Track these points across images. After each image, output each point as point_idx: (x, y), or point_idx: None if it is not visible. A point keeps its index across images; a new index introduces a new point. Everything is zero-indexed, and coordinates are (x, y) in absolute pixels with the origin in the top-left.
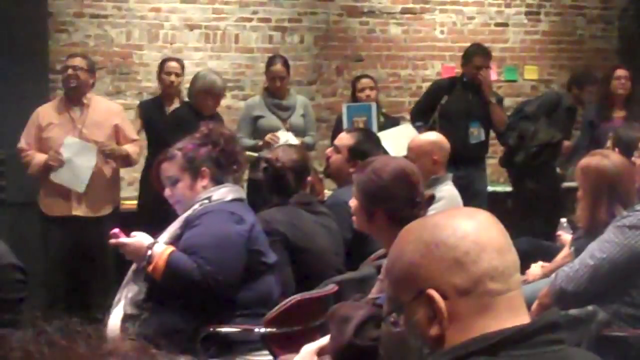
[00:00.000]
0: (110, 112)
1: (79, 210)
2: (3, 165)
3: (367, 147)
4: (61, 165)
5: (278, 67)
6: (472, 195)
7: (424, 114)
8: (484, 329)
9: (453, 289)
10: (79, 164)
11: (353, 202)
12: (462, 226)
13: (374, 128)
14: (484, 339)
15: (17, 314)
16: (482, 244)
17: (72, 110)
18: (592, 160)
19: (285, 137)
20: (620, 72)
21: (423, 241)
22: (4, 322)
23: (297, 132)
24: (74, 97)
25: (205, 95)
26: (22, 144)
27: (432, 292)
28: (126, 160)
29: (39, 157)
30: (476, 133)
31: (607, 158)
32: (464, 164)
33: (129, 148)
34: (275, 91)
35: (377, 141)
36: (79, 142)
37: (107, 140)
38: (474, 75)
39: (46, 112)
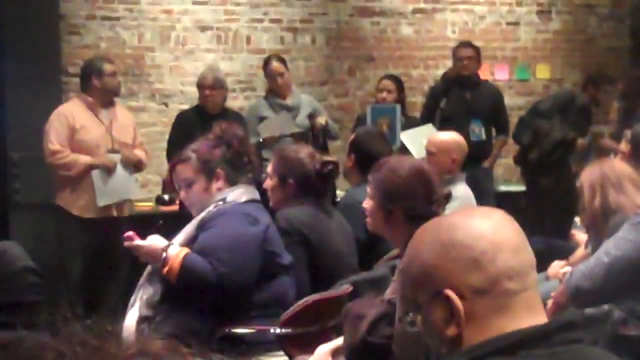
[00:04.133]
0: (128, 114)
1: (115, 211)
2: (17, 167)
3: (365, 139)
4: (114, 168)
5: (274, 64)
6: (478, 195)
7: (429, 121)
8: (502, 329)
9: (470, 289)
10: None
11: (368, 203)
12: (478, 226)
13: (398, 130)
14: (502, 338)
15: (33, 316)
16: (498, 243)
17: (100, 113)
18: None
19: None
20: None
21: (439, 241)
22: (19, 325)
23: (304, 132)
24: (109, 101)
25: (201, 90)
26: (56, 145)
27: (449, 293)
28: (138, 166)
29: (84, 159)
30: (477, 131)
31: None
32: (466, 163)
33: (140, 153)
34: (277, 90)
35: (380, 136)
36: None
37: (132, 142)
38: (461, 67)
39: (76, 114)
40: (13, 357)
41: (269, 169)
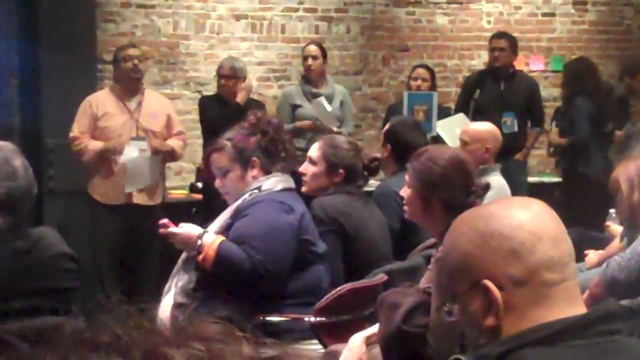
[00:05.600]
0: (163, 102)
1: (139, 198)
2: (52, 154)
3: (400, 129)
4: (121, 151)
5: (310, 47)
6: (511, 187)
7: (463, 112)
8: (541, 319)
9: (509, 280)
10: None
11: (406, 191)
12: (517, 216)
13: (434, 118)
14: (541, 328)
15: (70, 303)
16: (537, 233)
17: (127, 100)
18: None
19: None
20: None
21: (478, 231)
22: (56, 311)
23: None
24: (132, 88)
25: (218, 79)
26: (75, 132)
27: (488, 283)
28: (171, 155)
29: (95, 144)
30: (509, 123)
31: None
32: (498, 155)
33: (174, 143)
34: (310, 76)
35: (415, 126)
36: (139, 153)
37: (161, 130)
38: (494, 58)
39: (100, 102)
40: (67, 340)
41: (315, 154)
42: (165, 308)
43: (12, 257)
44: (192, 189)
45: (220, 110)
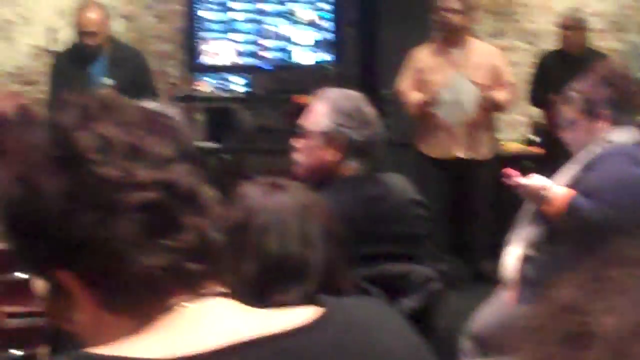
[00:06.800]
0: (490, 53)
1: (461, 152)
2: (389, 105)
3: None
4: (437, 104)
5: None
6: None
7: None
8: None
9: None
10: (461, 98)
11: None
12: None
13: None
14: None
15: (419, 249)
16: None
17: (450, 52)
18: None
19: None
20: None
21: None
22: (406, 257)
23: None
24: (452, 40)
25: (560, 29)
26: (399, 86)
27: None
28: (496, 106)
29: (414, 96)
30: None
31: None
32: None
33: (500, 95)
34: None
35: None
36: (462, 80)
37: (486, 82)
38: None
39: (424, 55)
40: None
41: None
42: (509, 259)
43: (368, 203)
44: (528, 141)
45: (563, 63)
